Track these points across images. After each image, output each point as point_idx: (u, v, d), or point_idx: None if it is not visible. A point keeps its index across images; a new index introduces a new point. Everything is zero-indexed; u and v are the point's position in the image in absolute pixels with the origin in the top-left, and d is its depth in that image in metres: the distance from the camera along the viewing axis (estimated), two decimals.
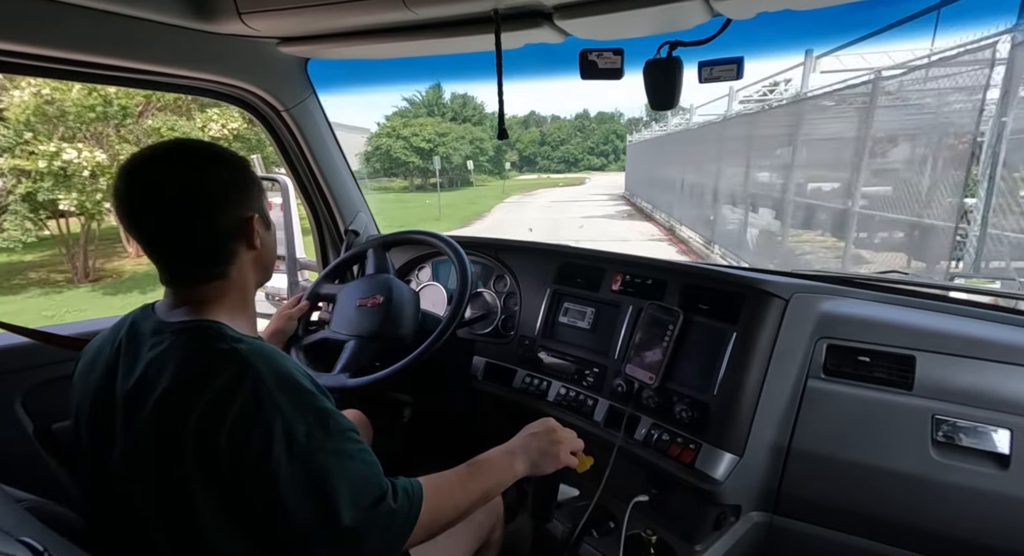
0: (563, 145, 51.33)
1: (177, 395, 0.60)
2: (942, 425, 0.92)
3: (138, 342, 0.67)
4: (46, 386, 1.16)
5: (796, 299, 1.05)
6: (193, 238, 0.67)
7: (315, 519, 0.60)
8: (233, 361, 0.61)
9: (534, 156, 51.51)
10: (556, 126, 53.73)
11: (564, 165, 50.56)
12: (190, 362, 0.62)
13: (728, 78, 0.99)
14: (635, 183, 19.76)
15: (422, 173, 27.53)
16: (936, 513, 0.91)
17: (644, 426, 1.09)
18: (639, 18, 0.91)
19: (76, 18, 0.98)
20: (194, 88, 1.32)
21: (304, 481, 0.59)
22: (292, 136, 1.52)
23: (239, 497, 0.60)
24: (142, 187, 0.65)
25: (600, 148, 50.98)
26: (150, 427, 0.61)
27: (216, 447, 0.58)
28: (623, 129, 49.84)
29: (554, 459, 0.88)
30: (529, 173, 49.20)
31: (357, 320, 1.23)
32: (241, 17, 1.03)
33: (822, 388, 1.01)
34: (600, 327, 1.27)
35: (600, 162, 50.47)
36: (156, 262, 0.69)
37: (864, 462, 0.96)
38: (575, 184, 34.87)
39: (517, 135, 50.58)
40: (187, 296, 0.69)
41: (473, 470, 0.80)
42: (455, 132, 28.02)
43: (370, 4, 0.94)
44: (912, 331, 1.00)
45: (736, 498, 1.01)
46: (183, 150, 0.68)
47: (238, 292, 0.72)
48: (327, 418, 0.63)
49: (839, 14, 0.97)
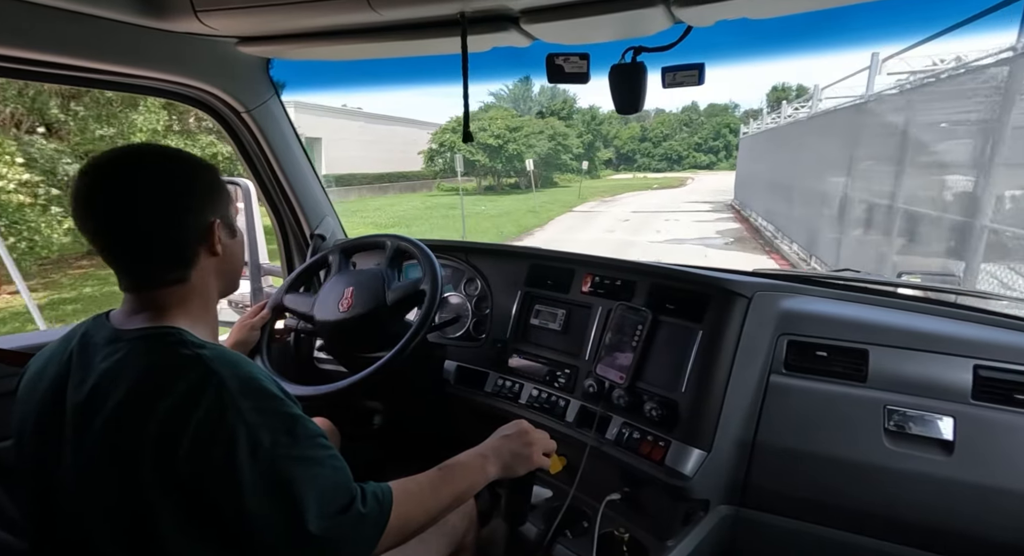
0: (666, 141, 45.96)
1: (135, 403, 0.58)
2: (893, 415, 0.96)
3: (91, 352, 0.65)
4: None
5: (758, 297, 1.08)
6: (152, 239, 0.66)
7: (281, 527, 0.58)
8: (196, 367, 0.60)
9: (633, 153, 46.38)
10: (660, 120, 47.65)
11: (666, 163, 45.23)
12: (151, 369, 0.60)
13: (690, 83, 1.02)
14: (748, 189, 14.36)
15: (493, 172, 23.98)
16: (890, 499, 0.96)
17: (615, 425, 1.11)
18: (603, 24, 0.93)
19: (20, 14, 0.93)
20: (149, 88, 1.27)
21: (269, 488, 0.57)
22: (253, 138, 1.47)
23: (202, 505, 0.58)
24: (103, 187, 0.64)
25: (708, 144, 44.93)
26: (105, 437, 0.59)
27: (176, 454, 0.56)
28: (737, 122, 42.67)
29: (526, 460, 0.88)
30: (626, 172, 44.35)
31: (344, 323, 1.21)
32: (197, 15, 0.99)
33: (784, 383, 1.05)
34: (571, 328, 1.28)
35: (707, 160, 44.56)
36: (114, 266, 0.67)
37: (824, 453, 0.99)
38: (673, 185, 29.36)
39: (615, 131, 45.26)
40: (146, 302, 0.68)
41: (444, 474, 0.79)
42: (530, 127, 23.99)
43: (333, 5, 0.93)
44: (865, 326, 1.05)
45: (704, 493, 1.03)
46: (146, 153, 0.68)
47: (199, 298, 0.71)
48: (294, 423, 0.61)
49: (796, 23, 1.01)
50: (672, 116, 48.56)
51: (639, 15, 0.88)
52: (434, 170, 23.01)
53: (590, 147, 33.08)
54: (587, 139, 32.19)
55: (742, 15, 0.90)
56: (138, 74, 1.18)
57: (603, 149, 40.74)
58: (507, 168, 23.14)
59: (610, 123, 44.27)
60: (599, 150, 37.17)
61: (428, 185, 24.89)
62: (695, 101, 51.47)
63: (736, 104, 53.72)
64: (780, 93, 38.84)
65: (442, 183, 24.28)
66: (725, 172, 36.61)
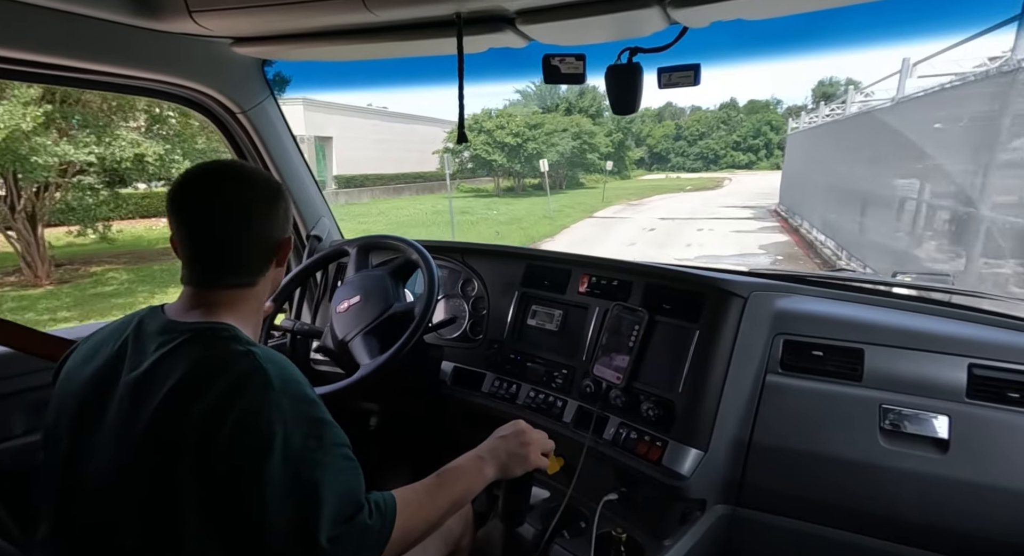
0: (702, 139, 42.77)
1: (184, 392, 0.61)
2: (889, 414, 0.97)
3: (145, 340, 0.68)
4: None
5: (754, 297, 1.08)
6: (240, 249, 0.72)
7: (294, 528, 0.59)
8: (247, 362, 0.63)
9: (666, 152, 43.38)
10: (695, 118, 44.70)
11: (701, 162, 42.09)
12: (204, 360, 0.63)
13: (686, 84, 1.02)
14: (798, 194, 11.92)
15: (512, 173, 21.98)
16: (886, 498, 0.96)
17: (612, 425, 1.11)
18: (599, 24, 0.93)
19: (16, 14, 0.92)
20: (145, 89, 1.26)
21: (292, 490, 0.59)
22: (249, 139, 1.47)
23: (226, 501, 0.59)
24: (203, 195, 0.70)
25: (748, 142, 41.68)
26: (151, 426, 0.61)
27: (215, 445, 0.58)
28: (779, 119, 40.72)
29: (523, 461, 0.88)
30: (658, 172, 41.29)
31: (345, 324, 1.22)
32: (192, 16, 0.99)
33: (780, 382, 1.06)
34: (568, 329, 1.28)
35: (746, 159, 41.22)
36: (189, 263, 0.72)
37: (820, 452, 1.00)
38: (708, 187, 26.22)
39: (648, 129, 43.11)
40: (205, 299, 0.71)
41: (442, 479, 0.79)
42: (552, 124, 21.72)
43: (328, 5, 0.92)
44: (860, 325, 1.05)
45: (701, 492, 1.03)
46: (241, 169, 0.75)
47: (255, 301, 0.77)
48: (324, 429, 0.64)
49: (792, 24, 1.02)
50: (709, 114, 45.04)
51: (635, 16, 0.88)
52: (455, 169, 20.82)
53: (620, 146, 30.24)
54: (617, 138, 29.44)
55: (738, 16, 0.91)
56: (132, 75, 1.18)
57: (634, 148, 37.97)
58: (526, 168, 21.21)
59: (643, 121, 42.42)
60: (630, 149, 34.29)
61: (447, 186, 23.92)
62: (734, 98, 48.83)
63: (778, 100, 51.07)
64: (827, 88, 36.45)
65: (462, 184, 23.24)
66: (766, 172, 34.55)
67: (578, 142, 22.11)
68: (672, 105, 49.70)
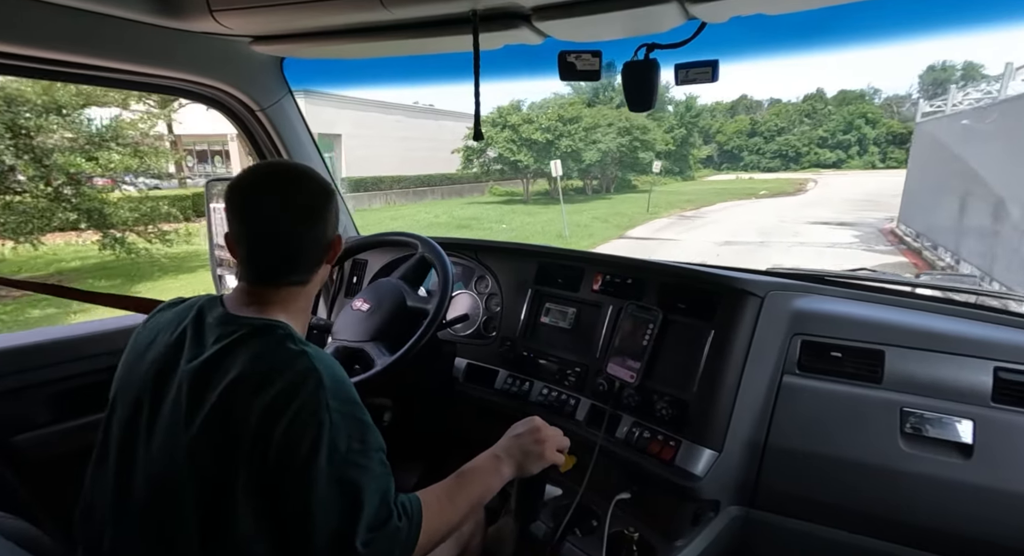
0: (781, 135, 37.95)
1: (247, 384, 0.63)
2: (910, 417, 0.95)
3: (205, 330, 0.70)
4: (8, 395, 1.11)
5: (771, 297, 1.07)
6: (298, 249, 0.74)
7: (334, 529, 0.61)
8: (303, 362, 0.65)
9: (739, 150, 38.70)
10: (774, 111, 39.91)
11: (779, 161, 37.20)
12: (263, 356, 0.65)
13: (704, 80, 1.01)
14: (939, 211, 7.99)
15: (543, 174, 18.40)
16: (906, 503, 0.94)
17: (625, 424, 1.10)
18: (616, 20, 0.92)
19: (43, 14, 0.95)
20: (166, 87, 1.29)
21: (335, 490, 0.61)
22: (267, 136, 1.49)
23: (274, 498, 0.61)
24: (263, 195, 0.72)
25: (836, 138, 36.43)
26: (210, 415, 0.62)
27: (271, 440, 0.60)
28: (876, 111, 36.16)
29: (539, 458, 0.88)
30: (728, 172, 36.77)
31: (356, 325, 1.23)
32: (213, 15, 1.00)
33: (797, 383, 1.04)
34: (581, 327, 1.28)
35: (834, 157, 36.10)
36: (248, 261, 0.74)
37: (838, 455, 0.98)
38: (787, 191, 21.34)
39: (718, 125, 39.13)
40: (261, 296, 0.73)
41: (462, 480, 0.80)
42: (592, 118, 18.64)
43: (346, 3, 0.93)
44: (881, 327, 1.03)
45: (715, 493, 1.02)
46: (298, 170, 0.76)
47: (306, 299, 0.79)
48: (367, 432, 0.66)
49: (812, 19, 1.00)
50: (791, 107, 39.97)
51: (653, 12, 0.87)
52: (471, 173, 18.88)
53: (683, 143, 26.80)
54: (679, 134, 26.17)
55: (757, 11, 0.89)
56: (155, 73, 1.20)
57: (702, 146, 34.63)
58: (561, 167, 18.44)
59: (712, 116, 39.01)
60: (695, 147, 30.46)
61: (479, 188, 20.83)
62: (821, 88, 42.96)
63: (876, 89, 44.47)
64: (940, 73, 34.05)
65: (495, 186, 20.56)
66: (858, 172, 30.34)
67: (627, 139, 18.68)
68: (747, 98, 44.32)
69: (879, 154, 35.81)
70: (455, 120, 19.70)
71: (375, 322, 1.20)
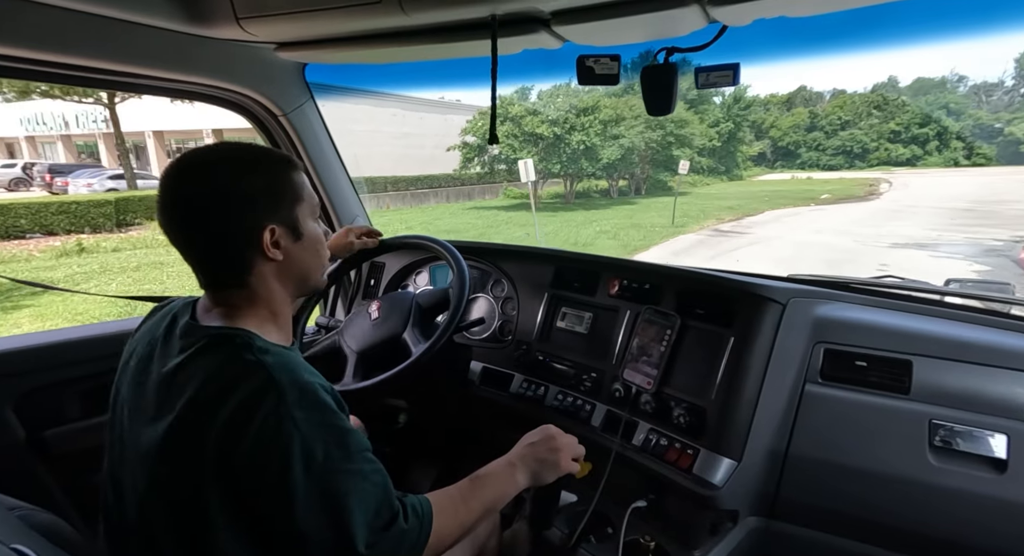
0: (844, 129, 33.24)
1: (200, 406, 0.60)
2: (939, 430, 0.92)
3: (173, 340, 0.67)
4: (38, 392, 1.15)
5: (793, 303, 1.05)
6: (200, 244, 0.67)
7: (330, 544, 0.59)
8: (258, 373, 0.60)
9: (795, 146, 34.44)
10: (837, 103, 35.14)
11: (843, 158, 32.62)
12: (218, 372, 0.61)
13: (724, 84, 1.00)
14: None
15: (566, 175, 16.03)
16: (934, 517, 0.91)
17: (642, 431, 1.09)
18: (636, 24, 0.92)
19: (76, 24, 0.98)
20: (193, 93, 1.32)
21: (321, 503, 0.58)
22: (289, 140, 1.52)
23: (257, 516, 0.59)
24: (168, 189, 0.66)
25: (911, 132, 31.80)
26: (170, 434, 0.60)
27: (236, 460, 0.57)
28: (960, 101, 32.58)
29: (554, 467, 0.87)
30: (783, 170, 32.71)
31: (362, 329, 1.25)
32: (239, 22, 1.03)
33: (820, 393, 1.01)
34: (597, 332, 1.27)
35: (908, 153, 31.38)
36: (190, 264, 0.69)
37: (862, 467, 0.95)
38: (856, 195, 17.41)
39: (772, 119, 35.02)
40: (218, 300, 0.69)
41: (475, 485, 0.78)
42: (615, 109, 15.59)
43: (368, 9, 0.94)
44: (909, 336, 1.00)
45: (734, 503, 1.00)
46: (212, 154, 0.68)
47: (263, 302, 0.70)
48: (345, 436, 0.62)
49: (835, 22, 0.98)
50: (856, 98, 35.32)
51: (673, 15, 0.87)
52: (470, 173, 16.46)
53: (730, 139, 23.34)
54: (726, 129, 22.86)
55: (780, 13, 0.88)
56: (182, 79, 1.24)
57: (753, 142, 30.73)
58: (571, 168, 15.43)
59: (766, 109, 35.02)
60: (744, 143, 26.65)
61: (492, 190, 18.29)
62: (893, 76, 37.60)
63: (960, 77, 38.82)
64: None
65: (511, 188, 17.96)
66: (938, 170, 26.06)
67: (658, 133, 16.08)
68: (806, 89, 39.33)
69: (963, 150, 31.60)
70: (463, 113, 16.81)
71: (382, 333, 1.22)
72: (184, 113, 14.05)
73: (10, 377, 1.12)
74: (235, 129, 14.93)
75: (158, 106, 14.29)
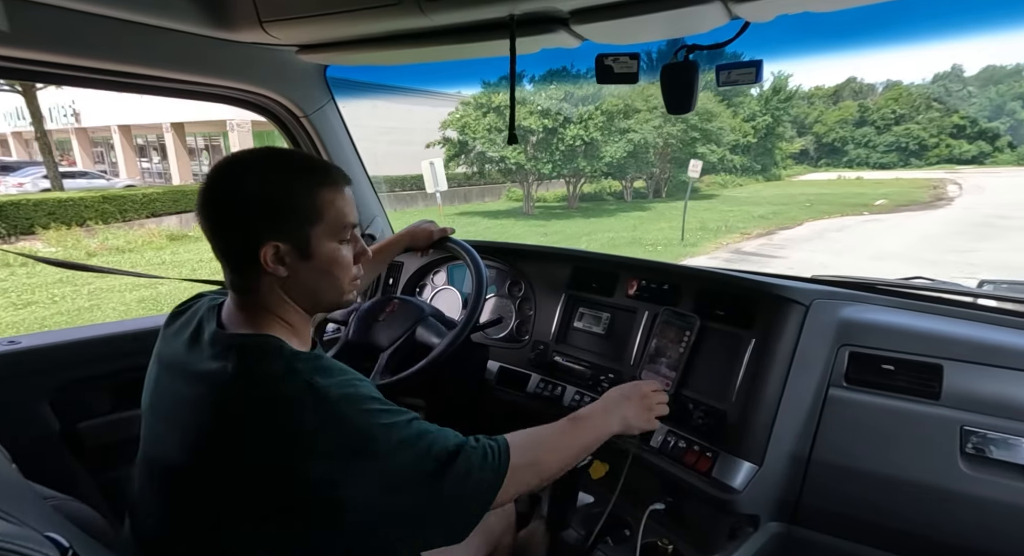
0: (899, 124, 29.86)
1: (238, 417, 0.60)
2: (972, 437, 0.89)
3: (201, 344, 0.67)
4: (73, 386, 1.19)
5: (816, 305, 1.02)
6: (217, 244, 0.68)
7: (411, 504, 0.62)
8: (296, 381, 0.61)
9: (842, 142, 31.32)
10: (891, 96, 31.57)
11: (896, 155, 29.31)
12: (252, 382, 0.62)
13: (747, 81, 0.98)
14: None
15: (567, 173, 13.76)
16: (965, 528, 0.88)
17: (660, 433, 1.08)
18: (656, 22, 0.90)
19: (103, 28, 1.01)
20: (216, 95, 1.35)
21: (390, 482, 0.61)
22: (311, 141, 1.54)
23: (329, 505, 0.59)
24: (202, 185, 0.67)
25: (980, 126, 28.20)
26: (209, 436, 0.61)
27: (285, 467, 0.58)
28: None
29: (644, 420, 0.92)
30: (828, 169, 29.71)
31: (379, 329, 1.26)
32: (263, 26, 1.05)
33: (844, 397, 0.99)
34: (615, 332, 1.26)
35: (974, 150, 27.84)
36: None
37: (889, 473, 0.93)
38: (920, 200, 14.29)
39: (817, 113, 32.31)
40: (239, 304, 0.70)
41: (574, 425, 0.83)
42: (620, 97, 13.67)
43: (388, 11, 0.95)
44: (939, 339, 0.97)
45: (754, 508, 0.98)
46: (245, 160, 0.69)
47: (277, 311, 0.70)
48: (390, 414, 0.64)
49: (860, 17, 0.95)
50: (914, 89, 31.83)
51: (694, 12, 0.85)
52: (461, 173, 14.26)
53: (768, 134, 20.95)
54: (763, 123, 20.45)
55: (805, 8, 0.86)
56: (207, 82, 1.27)
57: (794, 138, 28.25)
58: (566, 168, 13.11)
59: (809, 103, 32.18)
60: (784, 139, 24.09)
61: (495, 192, 16.68)
62: (958, 65, 32.80)
63: None
64: None
65: (514, 189, 16.00)
66: (1011, 169, 22.89)
67: (678, 127, 14.06)
68: (856, 81, 35.15)
69: None
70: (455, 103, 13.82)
71: (389, 336, 1.24)
72: (147, 107, 13.35)
73: (46, 372, 1.16)
74: (196, 122, 14.40)
75: (121, 99, 13.21)
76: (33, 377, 1.14)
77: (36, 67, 1.04)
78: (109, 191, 11.26)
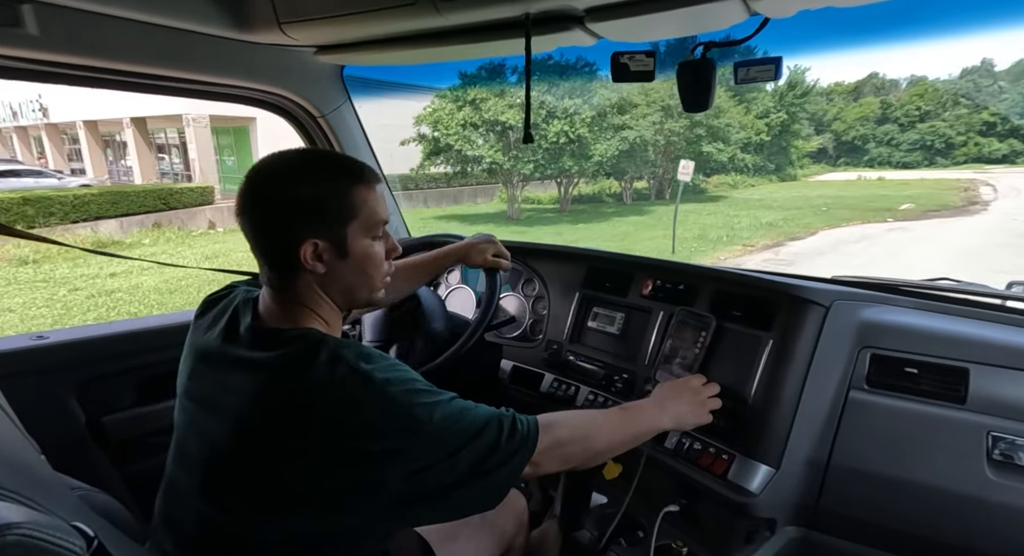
0: (924, 121, 28.58)
1: (292, 411, 0.62)
2: (999, 442, 0.86)
3: (239, 339, 0.69)
4: (98, 380, 1.22)
5: (836, 306, 1.00)
6: (256, 242, 0.70)
7: (468, 470, 0.65)
8: (342, 369, 0.63)
9: (863, 140, 30.08)
10: (916, 92, 30.31)
11: (920, 154, 28.21)
12: (303, 376, 0.63)
13: (765, 79, 0.96)
14: None
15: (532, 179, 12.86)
16: (991, 536, 0.85)
17: (674, 434, 1.07)
18: (673, 19, 0.89)
19: (126, 31, 1.04)
20: (235, 96, 1.37)
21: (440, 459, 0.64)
22: (327, 140, 1.56)
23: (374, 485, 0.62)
24: (242, 184, 0.70)
25: (1011, 123, 26.89)
26: (254, 434, 0.63)
27: (342, 444, 0.61)
28: None
29: (697, 416, 0.93)
30: (847, 168, 28.51)
31: (390, 326, 1.27)
32: (281, 27, 1.06)
33: (865, 400, 0.97)
34: (630, 332, 1.25)
35: (1005, 148, 26.52)
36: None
37: (911, 479, 0.91)
38: (951, 204, 12.85)
39: (836, 110, 31.11)
40: (276, 299, 0.72)
41: (627, 413, 0.86)
42: (613, 89, 12.23)
43: (404, 11, 0.96)
44: (965, 342, 0.94)
45: (771, 512, 0.97)
46: (285, 159, 0.70)
47: (313, 306, 0.72)
48: (433, 394, 0.67)
49: (883, 10, 0.93)
50: (940, 85, 30.69)
51: (713, 8, 0.84)
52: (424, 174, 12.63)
53: (783, 131, 20.09)
54: (777, 119, 19.56)
55: (827, 3, 0.84)
56: (226, 83, 1.29)
57: (813, 135, 27.40)
58: (551, 168, 11.97)
59: (829, 100, 31.11)
60: (800, 137, 23.08)
61: (487, 193, 15.51)
62: (988, 59, 31.27)
63: None
64: None
65: (505, 191, 14.03)
66: None
67: (681, 124, 12.98)
68: (878, 77, 33.96)
69: None
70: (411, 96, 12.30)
71: (402, 336, 1.25)
72: (110, 101, 12.47)
73: (73, 366, 1.19)
74: (157, 116, 13.30)
75: (85, 94, 11.79)
76: (60, 371, 1.17)
77: (62, 69, 1.07)
78: (33, 192, 9.81)
